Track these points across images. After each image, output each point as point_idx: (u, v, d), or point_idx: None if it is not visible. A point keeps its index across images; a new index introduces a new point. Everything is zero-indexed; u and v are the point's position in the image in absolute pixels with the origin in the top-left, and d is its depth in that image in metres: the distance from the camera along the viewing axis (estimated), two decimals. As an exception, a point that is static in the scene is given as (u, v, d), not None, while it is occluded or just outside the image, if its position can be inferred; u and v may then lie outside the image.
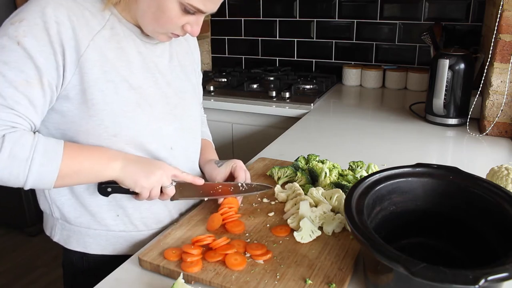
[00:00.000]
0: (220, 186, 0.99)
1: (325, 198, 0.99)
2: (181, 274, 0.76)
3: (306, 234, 0.88)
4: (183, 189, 0.95)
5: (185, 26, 0.88)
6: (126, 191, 0.89)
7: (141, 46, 0.93)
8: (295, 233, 0.88)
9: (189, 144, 1.04)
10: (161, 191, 0.91)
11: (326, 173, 1.09)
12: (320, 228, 0.91)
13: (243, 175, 1.03)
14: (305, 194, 1.02)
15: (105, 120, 0.86)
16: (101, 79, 0.85)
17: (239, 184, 1.00)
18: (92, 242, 0.97)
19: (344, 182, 1.07)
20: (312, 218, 0.92)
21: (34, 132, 0.82)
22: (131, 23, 0.91)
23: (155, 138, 0.93)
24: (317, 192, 1.01)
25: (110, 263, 0.91)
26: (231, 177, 1.05)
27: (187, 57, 1.07)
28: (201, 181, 0.96)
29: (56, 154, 0.80)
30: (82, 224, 0.95)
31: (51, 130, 0.88)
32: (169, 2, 0.84)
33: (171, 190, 0.91)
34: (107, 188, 0.89)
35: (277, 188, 1.07)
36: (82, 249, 0.97)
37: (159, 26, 0.88)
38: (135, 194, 0.90)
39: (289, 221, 0.93)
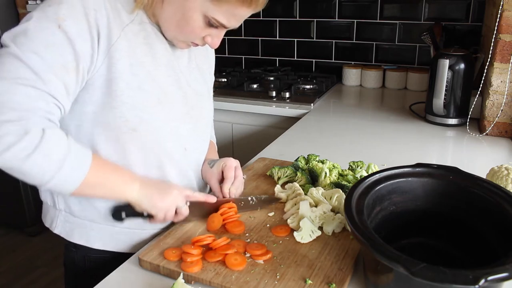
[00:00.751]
0: (231, 202, 0.99)
1: (325, 198, 0.99)
2: (181, 274, 0.76)
3: (306, 234, 0.88)
4: (194, 208, 0.95)
5: (206, 38, 0.90)
6: (140, 214, 0.90)
7: (166, 44, 0.94)
8: (295, 233, 0.88)
9: (200, 146, 1.05)
10: (176, 212, 0.91)
11: (326, 173, 1.09)
12: (320, 228, 0.91)
13: (232, 174, 1.02)
14: (305, 194, 1.02)
15: (126, 113, 0.86)
16: (128, 71, 0.85)
17: (249, 199, 1.01)
18: (95, 236, 0.96)
19: (344, 182, 1.07)
20: (312, 218, 0.92)
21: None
22: (156, 25, 0.92)
23: (172, 137, 0.94)
24: (317, 192, 1.01)
25: (111, 262, 0.91)
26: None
27: (205, 60, 1.08)
28: (213, 199, 0.96)
29: (85, 161, 0.79)
30: (87, 218, 0.95)
31: (66, 120, 0.87)
32: (194, 13, 0.85)
33: (185, 210, 0.92)
34: (121, 213, 0.90)
35: (277, 188, 1.07)
36: (84, 242, 0.96)
37: (181, 34, 0.90)
38: (149, 217, 0.90)
39: (289, 221, 0.93)
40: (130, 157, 0.90)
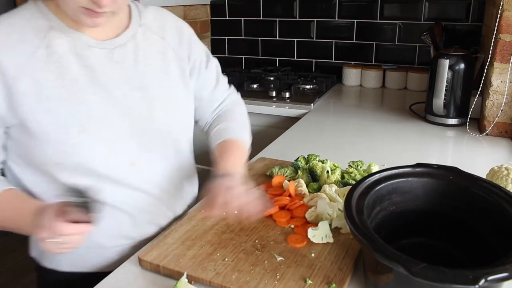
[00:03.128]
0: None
1: (338, 195, 0.99)
2: (185, 273, 0.77)
3: (319, 235, 0.88)
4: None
5: None
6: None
7: (92, 56, 0.85)
8: (309, 229, 0.88)
9: (158, 157, 0.95)
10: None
11: (328, 171, 1.09)
12: (338, 229, 0.91)
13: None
14: (309, 192, 1.04)
15: (48, 149, 0.83)
16: (36, 110, 0.80)
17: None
18: (62, 259, 0.95)
19: (351, 181, 1.07)
20: (329, 213, 0.92)
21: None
22: (79, 30, 0.84)
23: (107, 159, 0.87)
24: (330, 189, 1.01)
25: (81, 284, 0.90)
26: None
27: (162, 57, 0.96)
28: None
29: None
30: None
31: (11, 155, 0.88)
32: None
33: (71, 240, 0.74)
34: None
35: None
36: (54, 266, 0.96)
37: (65, 5, 0.78)
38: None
39: (307, 215, 0.94)
40: (62, 183, 0.84)
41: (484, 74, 1.56)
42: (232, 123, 1.09)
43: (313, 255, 0.83)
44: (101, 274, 0.84)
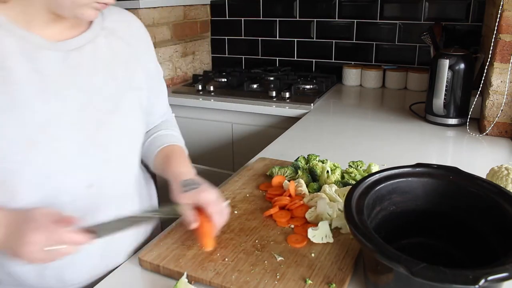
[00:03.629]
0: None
1: (338, 195, 0.99)
2: (185, 273, 0.77)
3: (319, 235, 0.87)
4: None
5: None
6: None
7: (43, 59, 0.76)
8: (309, 229, 0.88)
9: (118, 177, 0.88)
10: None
11: (328, 171, 1.09)
12: (338, 229, 0.91)
13: (217, 209, 0.81)
14: (309, 192, 1.03)
15: None
16: None
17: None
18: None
19: (351, 181, 1.07)
20: (329, 213, 0.92)
21: None
22: (30, 30, 0.75)
23: (61, 178, 0.78)
24: (330, 189, 1.01)
25: None
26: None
27: (125, 66, 0.88)
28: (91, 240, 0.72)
29: None
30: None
31: None
32: None
33: (68, 249, 0.69)
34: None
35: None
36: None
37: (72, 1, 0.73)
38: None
39: (307, 215, 0.94)
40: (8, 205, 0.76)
41: (484, 74, 1.56)
42: (174, 132, 1.05)
43: (313, 255, 0.83)
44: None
